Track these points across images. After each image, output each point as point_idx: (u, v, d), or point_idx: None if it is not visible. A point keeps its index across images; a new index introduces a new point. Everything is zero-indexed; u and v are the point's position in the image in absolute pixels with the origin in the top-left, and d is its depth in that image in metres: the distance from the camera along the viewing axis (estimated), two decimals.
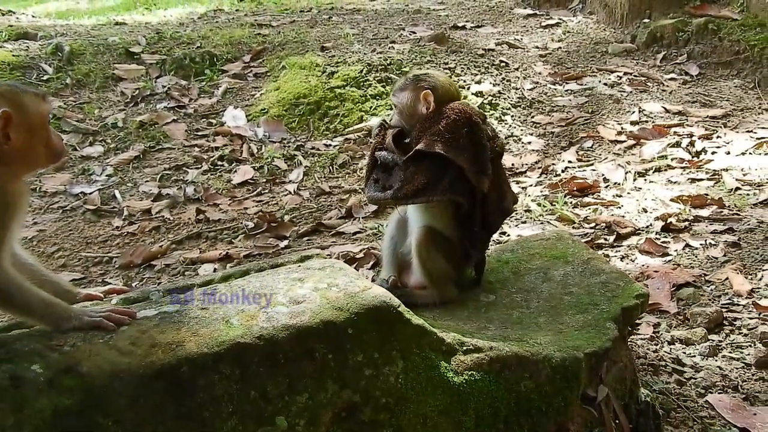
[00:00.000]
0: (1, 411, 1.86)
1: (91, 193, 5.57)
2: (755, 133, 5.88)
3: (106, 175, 5.80)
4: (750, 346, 3.55)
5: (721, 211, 4.81)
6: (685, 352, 3.52)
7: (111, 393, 1.95)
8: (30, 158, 2.21)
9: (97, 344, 2.04)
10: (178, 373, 2.01)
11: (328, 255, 2.75)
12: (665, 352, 3.50)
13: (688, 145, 5.73)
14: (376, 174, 3.04)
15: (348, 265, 2.45)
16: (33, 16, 9.43)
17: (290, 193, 5.51)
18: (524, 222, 4.86)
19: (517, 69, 7.04)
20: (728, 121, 6.18)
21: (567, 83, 6.88)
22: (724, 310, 3.83)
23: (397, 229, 3.14)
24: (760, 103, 6.48)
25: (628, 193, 5.16)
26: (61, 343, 2.03)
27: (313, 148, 6.04)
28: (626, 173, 5.40)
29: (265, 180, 5.69)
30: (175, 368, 2.01)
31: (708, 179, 5.25)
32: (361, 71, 6.60)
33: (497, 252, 3.25)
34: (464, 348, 2.38)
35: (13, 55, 7.03)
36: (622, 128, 6.09)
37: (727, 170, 5.33)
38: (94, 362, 1.98)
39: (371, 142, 3.15)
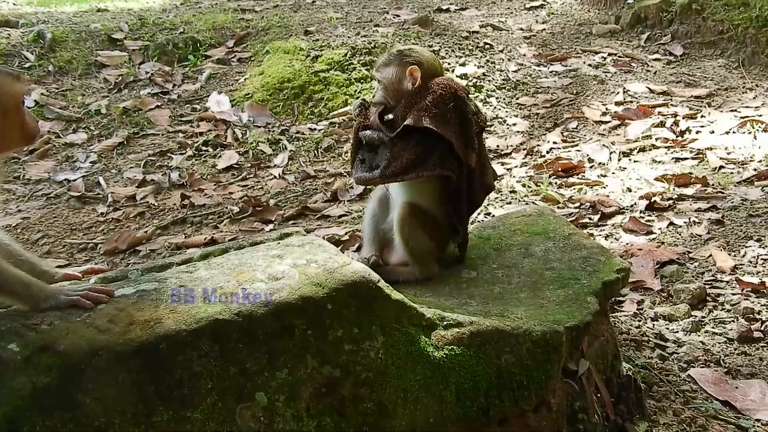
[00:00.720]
0: None
1: (75, 180, 5.54)
2: (739, 112, 5.90)
3: (90, 162, 5.78)
4: (733, 321, 3.57)
5: (705, 190, 4.82)
6: (668, 328, 3.54)
7: (89, 371, 1.95)
8: (3, 139, 2.20)
9: (75, 322, 2.04)
10: (156, 350, 2.01)
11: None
12: (648, 327, 3.52)
13: (672, 125, 5.74)
14: (361, 154, 3.01)
15: (327, 242, 2.44)
16: (14, 4, 9.36)
17: (275, 177, 5.50)
18: (509, 203, 4.86)
19: (501, 51, 7.03)
20: (712, 100, 6.19)
21: (551, 65, 6.87)
22: (707, 286, 3.84)
23: (378, 207, 3.12)
24: (744, 83, 6.49)
25: (613, 173, 5.17)
26: (38, 322, 2.03)
27: (297, 132, 6.03)
28: (611, 153, 5.41)
29: (249, 165, 5.67)
30: (153, 345, 2.01)
31: (692, 158, 5.27)
32: (345, 55, 6.58)
33: (478, 229, 3.24)
34: (444, 323, 2.38)
35: None
36: (606, 109, 6.09)
37: (711, 149, 5.34)
38: (72, 340, 1.97)
39: (354, 123, 3.11)
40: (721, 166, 5.12)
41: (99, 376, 1.95)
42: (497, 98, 6.31)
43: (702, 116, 5.88)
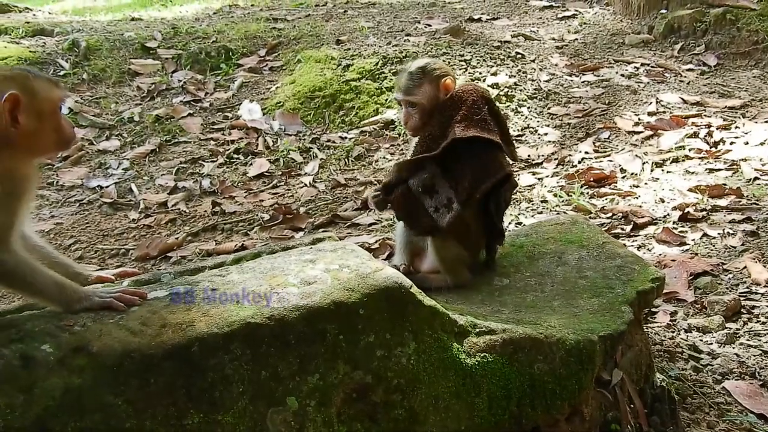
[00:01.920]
0: (11, 390, 1.86)
1: (107, 187, 5.59)
2: None
3: (123, 169, 5.83)
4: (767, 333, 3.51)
5: (740, 201, 4.76)
6: (702, 340, 3.49)
7: (121, 373, 1.95)
8: (39, 143, 2.20)
9: (108, 324, 2.04)
10: (188, 353, 2.01)
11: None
12: (682, 339, 3.47)
13: (705, 136, 5.67)
14: (428, 204, 2.93)
15: (360, 248, 2.43)
16: (49, 13, 9.49)
17: (306, 185, 5.51)
18: (540, 212, 4.83)
19: (533, 61, 7.00)
20: (746, 111, 6.11)
21: (583, 74, 6.83)
22: (741, 298, 3.78)
23: None
24: None
25: (645, 183, 5.11)
26: (71, 324, 2.03)
27: (328, 140, 6.04)
28: (643, 164, 5.35)
29: (280, 172, 5.69)
30: (185, 348, 2.01)
31: (726, 169, 5.20)
32: (377, 64, 6.59)
33: (511, 236, 3.21)
34: (477, 330, 2.36)
35: (30, 51, 7.08)
36: (639, 119, 6.03)
37: (745, 160, 5.27)
38: (105, 342, 1.98)
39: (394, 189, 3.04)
40: (756, 178, 5.04)
41: (131, 378, 1.95)
42: (528, 108, 6.28)
43: (736, 127, 5.80)
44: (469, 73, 6.59)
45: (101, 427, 1.91)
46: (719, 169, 5.21)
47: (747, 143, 5.53)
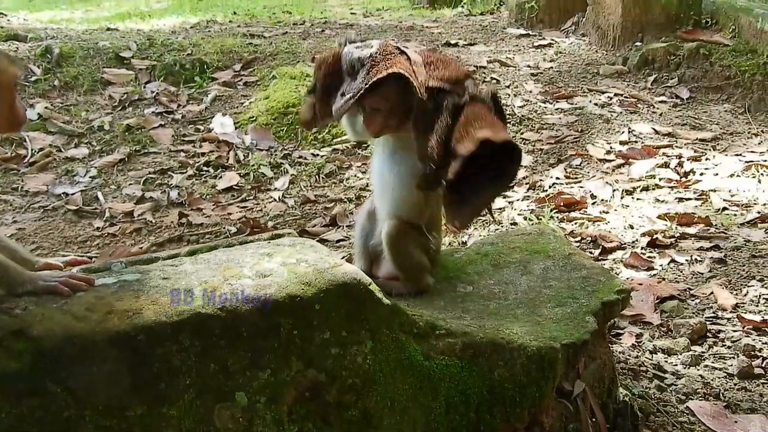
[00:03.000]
0: None
1: (73, 194, 5.49)
2: (744, 156, 5.84)
3: (90, 177, 5.73)
4: (733, 357, 3.48)
5: (708, 229, 4.75)
6: (667, 361, 3.45)
7: (62, 358, 1.87)
8: None
9: (51, 309, 1.96)
10: (134, 341, 1.93)
11: None
12: (646, 358, 3.43)
13: (676, 166, 5.69)
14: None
15: (319, 244, 2.37)
16: (24, 19, 9.40)
17: (275, 200, 5.44)
18: None
19: (508, 86, 7.01)
20: (717, 144, 6.14)
21: (557, 102, 6.85)
22: (708, 322, 3.76)
23: (367, 221, 3.03)
24: (749, 128, 6.45)
25: (615, 210, 5.10)
26: (12, 306, 1.95)
27: (300, 157, 5.98)
28: (614, 191, 5.35)
29: (250, 187, 5.62)
30: (131, 336, 1.93)
31: (695, 199, 5.20)
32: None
33: (477, 245, 3.17)
34: (436, 332, 2.30)
35: None
36: (611, 147, 6.04)
37: (714, 191, 5.28)
38: (46, 326, 1.90)
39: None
40: (725, 208, 5.05)
41: (72, 365, 1.87)
42: None
43: (706, 159, 5.83)
44: None
45: (38, 413, 1.83)
46: (689, 199, 5.21)
47: (717, 174, 5.54)
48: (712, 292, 4.05)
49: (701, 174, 5.57)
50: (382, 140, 2.91)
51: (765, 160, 5.68)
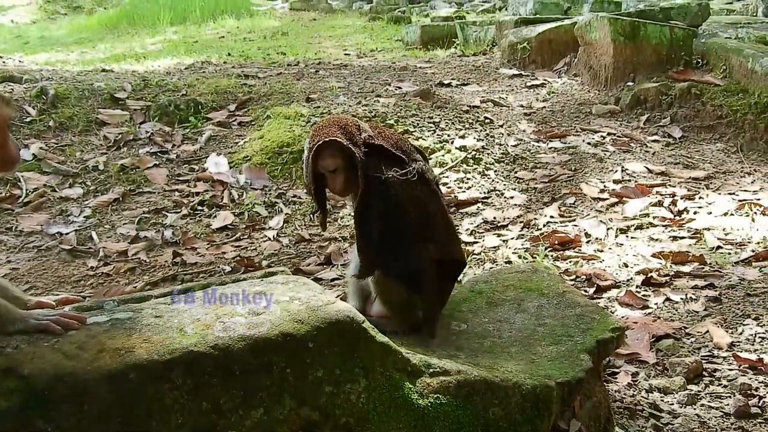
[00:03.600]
0: None
1: (67, 234, 5.48)
2: (737, 195, 5.87)
3: (84, 217, 5.72)
4: (729, 396, 3.46)
5: (703, 268, 4.75)
6: (663, 400, 3.43)
7: (53, 397, 1.85)
8: None
9: (42, 347, 1.94)
10: (125, 379, 1.91)
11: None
12: (642, 397, 3.41)
13: (670, 205, 5.70)
14: None
15: (312, 281, 2.36)
16: (20, 61, 9.45)
17: (269, 239, 5.44)
18: None
19: (501, 126, 7.05)
20: (710, 183, 6.18)
21: (551, 141, 6.89)
22: (703, 361, 3.75)
23: None
24: (742, 167, 6.48)
25: (610, 248, 5.11)
26: (3, 345, 1.93)
27: (294, 196, 5.99)
28: (608, 229, 5.36)
29: (244, 226, 5.62)
30: (122, 375, 1.91)
31: (689, 237, 5.21)
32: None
33: (471, 282, 3.17)
34: (431, 370, 2.29)
35: None
36: (604, 186, 6.07)
37: (708, 229, 5.29)
38: (37, 365, 1.88)
39: None
40: (719, 246, 5.06)
41: (63, 404, 1.85)
42: (495, 171, 6.30)
43: (700, 197, 5.85)
44: (438, 134, 6.61)
45: None
46: (683, 237, 5.22)
47: (710, 213, 5.56)
48: (707, 331, 4.03)
49: (695, 213, 5.58)
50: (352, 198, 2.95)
51: (758, 199, 5.70)
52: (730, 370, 3.69)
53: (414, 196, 2.78)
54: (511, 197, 5.97)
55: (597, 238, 5.24)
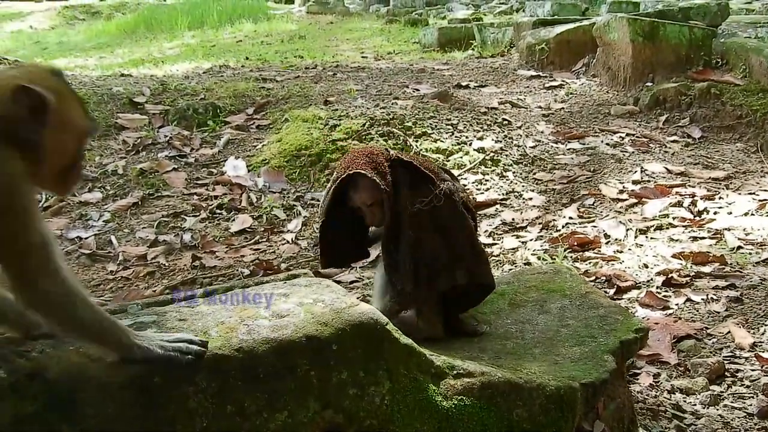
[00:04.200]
0: None
1: (87, 238, 5.50)
2: (758, 195, 5.83)
3: (104, 221, 5.75)
4: (752, 396, 3.44)
5: (723, 268, 4.72)
6: (685, 400, 3.41)
7: (77, 400, 1.85)
8: (51, 166, 1.93)
9: (67, 351, 1.94)
10: (149, 383, 1.91)
11: None
12: (665, 398, 3.39)
13: (690, 205, 5.67)
14: None
15: (335, 283, 2.36)
16: None
17: (288, 242, 5.44)
18: None
19: (519, 127, 7.04)
20: (730, 183, 6.14)
21: (569, 142, 6.87)
22: (726, 361, 3.73)
23: None
24: (762, 167, 6.44)
25: (629, 249, 5.08)
26: (29, 349, 1.94)
27: (312, 199, 5.99)
28: (627, 230, 5.33)
29: (263, 229, 5.63)
30: (146, 378, 1.92)
31: (710, 238, 5.18)
32: (364, 125, 6.59)
33: None
34: (454, 372, 2.28)
35: None
36: (623, 187, 6.04)
37: (729, 230, 5.26)
38: (62, 368, 1.88)
39: None
40: (740, 246, 5.02)
41: (86, 408, 1.85)
42: (514, 173, 6.29)
43: (720, 198, 5.81)
44: (456, 136, 6.60)
45: None
46: (703, 238, 5.19)
47: (730, 213, 5.52)
48: (729, 331, 4.01)
49: (715, 213, 5.55)
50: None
51: None
52: (753, 370, 3.66)
53: (440, 225, 2.78)
54: (530, 198, 5.96)
55: (616, 239, 5.22)
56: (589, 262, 4.90)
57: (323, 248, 3.03)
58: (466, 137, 6.61)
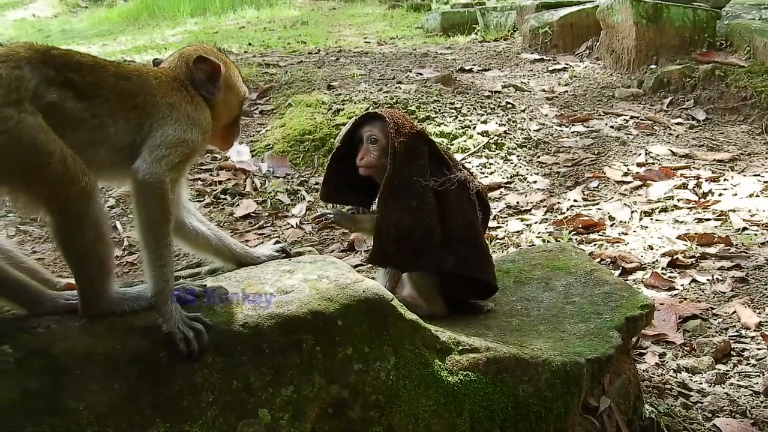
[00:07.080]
0: None
1: None
2: (762, 176, 5.81)
3: (108, 207, 5.75)
4: (758, 375, 3.43)
5: (729, 249, 4.71)
6: (691, 379, 3.41)
7: (83, 376, 1.85)
8: (219, 122, 2.38)
9: (72, 327, 1.96)
10: (155, 358, 1.92)
11: None
12: (671, 377, 3.39)
13: (694, 187, 5.66)
14: None
15: (339, 260, 2.35)
16: None
17: (292, 226, 5.44)
18: None
19: (523, 110, 7.02)
20: (735, 164, 6.12)
21: (573, 125, 6.84)
22: (731, 341, 3.72)
23: None
24: (767, 148, 6.41)
25: (634, 231, 5.07)
26: (34, 325, 1.95)
27: (316, 183, 5.98)
28: (632, 212, 5.32)
29: (267, 214, 5.62)
30: (152, 353, 1.92)
31: (715, 219, 5.17)
32: (367, 109, 6.57)
33: (498, 262, 3.14)
34: (460, 347, 2.28)
35: None
36: (628, 169, 6.02)
37: (734, 211, 5.24)
38: (67, 345, 1.89)
39: None
40: (745, 228, 5.01)
41: (93, 383, 1.86)
42: (518, 156, 6.27)
43: (725, 179, 5.80)
44: (459, 120, 6.59)
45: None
46: (708, 219, 5.17)
47: (735, 195, 5.51)
48: (734, 311, 4.00)
49: (720, 194, 5.53)
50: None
51: None
52: (759, 349, 3.66)
53: (443, 208, 2.74)
54: (534, 182, 5.94)
55: (621, 221, 5.21)
56: (594, 244, 4.89)
57: (327, 176, 3.01)
58: (470, 121, 6.59)
